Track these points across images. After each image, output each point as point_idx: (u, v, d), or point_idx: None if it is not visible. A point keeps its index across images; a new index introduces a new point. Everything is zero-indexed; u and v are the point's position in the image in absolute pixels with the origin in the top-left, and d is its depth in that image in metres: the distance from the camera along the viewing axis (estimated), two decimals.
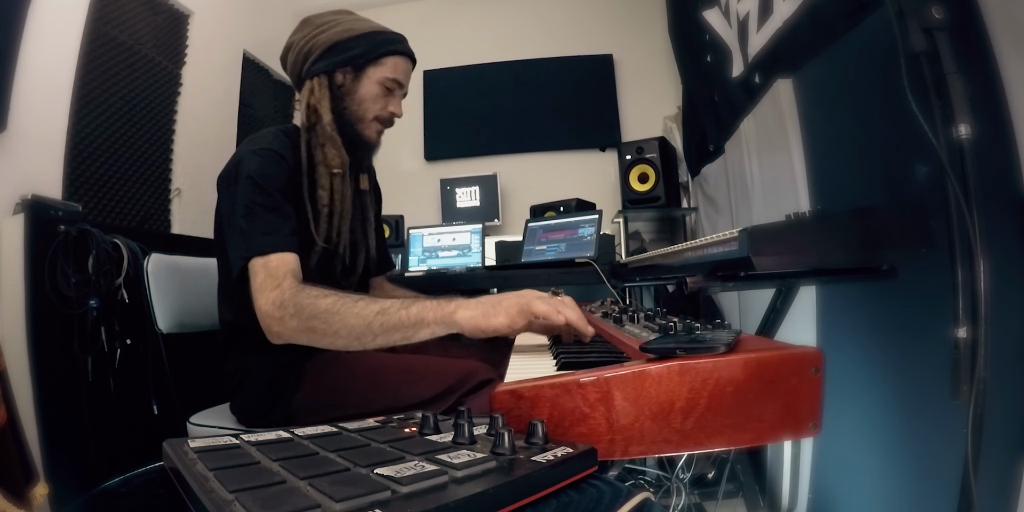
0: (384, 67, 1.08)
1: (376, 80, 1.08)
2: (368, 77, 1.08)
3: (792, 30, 1.35)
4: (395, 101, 1.12)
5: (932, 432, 0.89)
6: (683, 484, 1.29)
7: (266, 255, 0.90)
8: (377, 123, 1.11)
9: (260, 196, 0.95)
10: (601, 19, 3.23)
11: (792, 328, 1.01)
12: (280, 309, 0.84)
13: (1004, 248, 0.69)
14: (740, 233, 0.65)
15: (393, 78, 1.09)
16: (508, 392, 0.54)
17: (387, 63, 1.08)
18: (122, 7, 2.07)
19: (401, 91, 1.13)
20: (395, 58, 1.09)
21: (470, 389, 0.91)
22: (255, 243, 0.91)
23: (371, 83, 1.08)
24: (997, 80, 0.74)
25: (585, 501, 0.41)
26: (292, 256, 0.92)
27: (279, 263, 0.90)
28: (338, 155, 1.06)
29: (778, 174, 1.45)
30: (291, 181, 1.01)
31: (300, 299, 0.84)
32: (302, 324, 0.84)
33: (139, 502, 0.45)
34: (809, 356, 0.53)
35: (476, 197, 3.05)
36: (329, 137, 1.05)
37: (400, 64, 1.10)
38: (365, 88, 1.08)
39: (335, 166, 1.05)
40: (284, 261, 0.90)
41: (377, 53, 1.07)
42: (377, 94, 1.09)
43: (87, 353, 1.60)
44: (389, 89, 1.10)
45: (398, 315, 0.81)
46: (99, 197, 1.95)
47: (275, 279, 0.88)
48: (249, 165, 0.97)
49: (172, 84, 2.35)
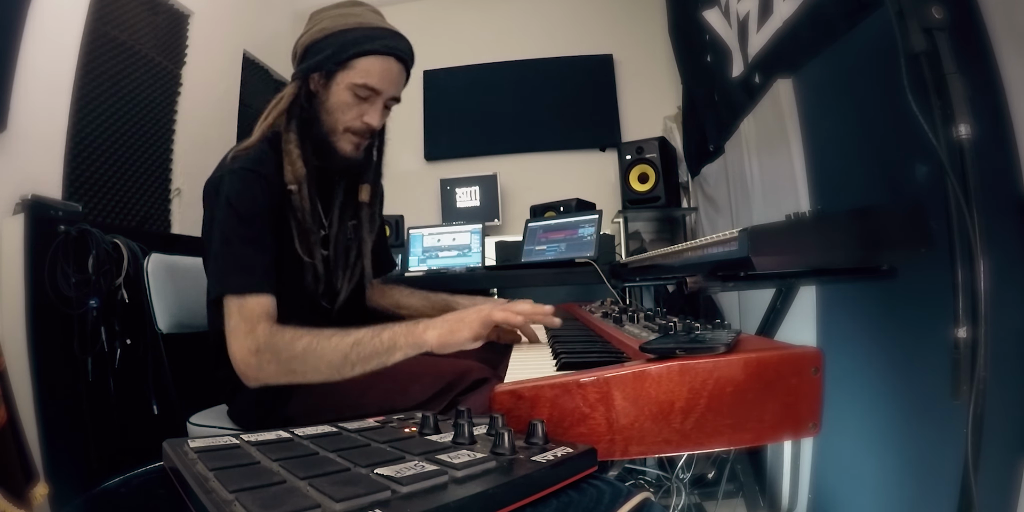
0: (353, 71, 0.96)
1: (344, 86, 0.96)
2: (337, 83, 0.97)
3: (792, 30, 1.35)
4: (372, 109, 0.99)
5: (932, 432, 0.89)
6: (683, 484, 1.29)
7: (242, 295, 0.87)
8: (351, 135, 1.00)
9: (238, 225, 0.90)
10: (601, 19, 3.23)
11: (792, 328, 1.01)
12: (256, 355, 0.84)
13: (1004, 248, 0.69)
14: (740, 233, 0.65)
15: (363, 83, 0.96)
16: (508, 392, 0.54)
17: (357, 66, 0.96)
18: (122, 7, 2.07)
19: (379, 98, 0.99)
20: (367, 59, 0.96)
21: (465, 388, 0.91)
22: (231, 281, 0.88)
23: (340, 90, 0.97)
24: (997, 80, 0.74)
25: (585, 501, 0.41)
26: (268, 298, 0.89)
27: (254, 305, 0.87)
28: (292, 170, 0.96)
29: (778, 174, 1.45)
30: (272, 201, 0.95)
31: (276, 343, 0.84)
32: (282, 368, 0.84)
33: (139, 502, 0.45)
34: (809, 356, 0.53)
35: (476, 197, 3.05)
36: (286, 150, 0.97)
37: (375, 66, 0.96)
38: (335, 96, 0.97)
39: (289, 181, 0.95)
40: (259, 303, 0.87)
41: (344, 55, 0.95)
42: (347, 102, 0.97)
43: (87, 353, 1.60)
44: (361, 97, 0.97)
45: (372, 344, 0.83)
46: (99, 197, 1.95)
47: (249, 323, 0.86)
48: (229, 187, 0.92)
49: (172, 84, 2.35)
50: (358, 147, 1.03)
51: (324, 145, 1.00)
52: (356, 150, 1.03)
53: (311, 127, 0.99)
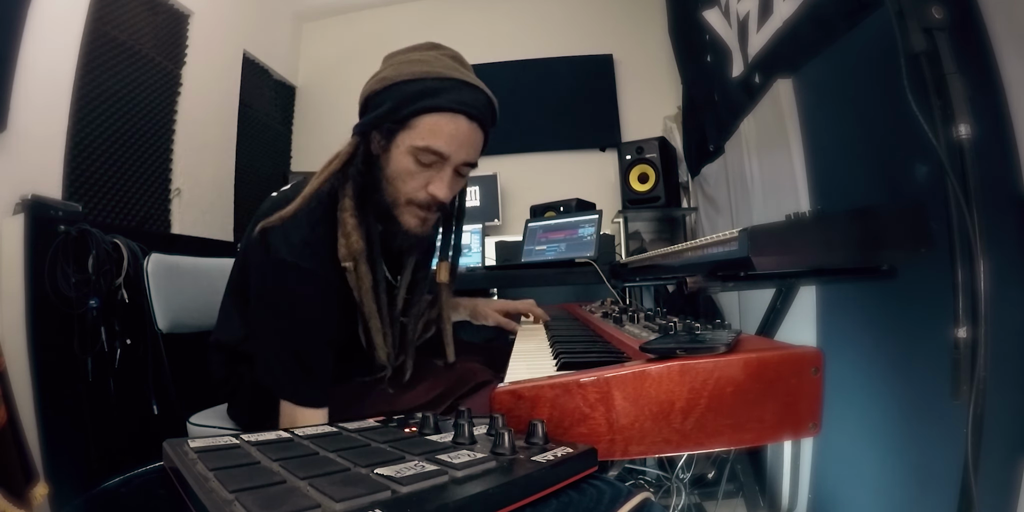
0: (414, 132, 0.79)
1: (405, 150, 0.80)
2: (397, 146, 0.81)
3: (792, 30, 1.35)
4: (438, 178, 0.82)
5: (932, 432, 0.89)
6: (683, 484, 1.29)
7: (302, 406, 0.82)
8: (416, 208, 0.84)
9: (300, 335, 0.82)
10: (601, 19, 3.23)
11: (792, 328, 1.00)
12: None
13: (1004, 248, 0.69)
14: (740, 233, 0.65)
15: (425, 147, 0.79)
16: (508, 392, 0.54)
17: (418, 125, 0.79)
18: (122, 7, 2.07)
19: (447, 163, 0.82)
20: (430, 117, 0.79)
21: (467, 391, 0.90)
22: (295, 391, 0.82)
23: (401, 154, 0.81)
24: (997, 80, 0.74)
25: (585, 501, 0.41)
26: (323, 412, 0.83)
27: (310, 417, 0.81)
28: (346, 245, 0.81)
29: (778, 174, 1.45)
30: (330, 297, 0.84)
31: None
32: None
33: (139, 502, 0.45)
34: (809, 356, 0.53)
35: (476, 197, 3.04)
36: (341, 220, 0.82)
37: (441, 125, 0.79)
38: (395, 161, 0.81)
39: (344, 258, 0.81)
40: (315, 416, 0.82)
41: (403, 113, 0.79)
42: (408, 169, 0.81)
43: (87, 353, 1.60)
44: (425, 163, 0.81)
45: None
46: (99, 197, 1.95)
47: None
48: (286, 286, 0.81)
49: (172, 84, 2.35)
50: (425, 222, 0.86)
51: (386, 218, 0.85)
52: (423, 226, 0.86)
53: (371, 195, 0.84)
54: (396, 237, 0.87)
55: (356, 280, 0.83)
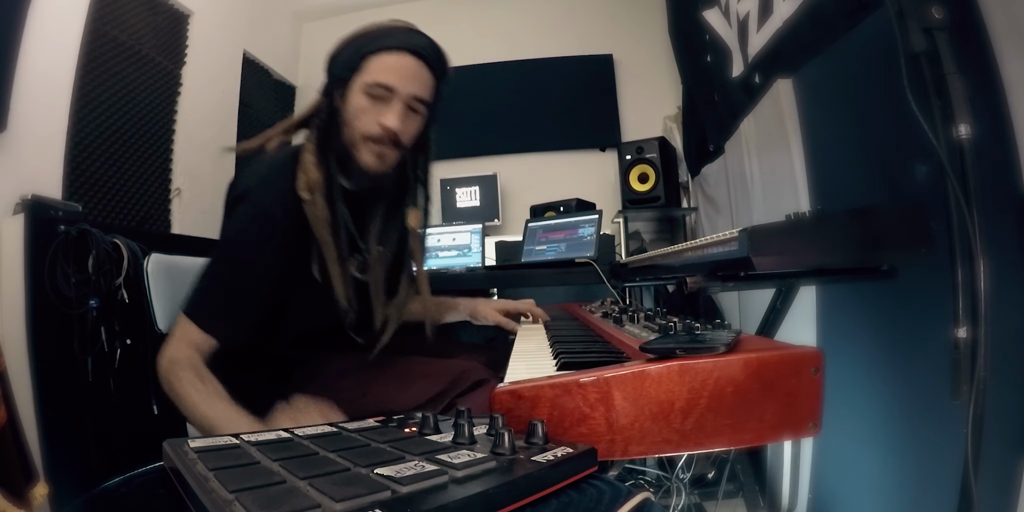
0: (366, 72, 0.87)
1: (358, 90, 0.88)
2: (353, 90, 0.88)
3: (792, 30, 1.35)
4: (388, 111, 0.87)
5: (932, 432, 0.89)
6: (683, 484, 1.29)
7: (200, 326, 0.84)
8: (372, 143, 0.89)
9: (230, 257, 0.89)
10: (601, 19, 3.23)
11: (792, 328, 1.00)
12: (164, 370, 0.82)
13: (1004, 248, 0.69)
14: (740, 233, 0.65)
15: (375, 82, 0.86)
16: (508, 392, 0.54)
17: (369, 66, 0.87)
18: (122, 7, 2.07)
19: (395, 97, 0.88)
20: (380, 56, 0.87)
21: (464, 390, 0.90)
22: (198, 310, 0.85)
23: (355, 95, 0.88)
24: (997, 80, 0.74)
25: (585, 501, 0.41)
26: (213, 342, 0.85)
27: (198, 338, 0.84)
28: (305, 179, 0.87)
29: (778, 174, 1.45)
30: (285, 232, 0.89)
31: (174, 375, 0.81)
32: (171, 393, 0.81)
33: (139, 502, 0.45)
34: (809, 356, 0.53)
35: (476, 197, 3.05)
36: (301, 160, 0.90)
37: (389, 62, 0.87)
38: (351, 103, 0.88)
39: (301, 190, 0.86)
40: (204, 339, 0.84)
41: (357, 57, 0.88)
42: (361, 107, 0.88)
43: (87, 353, 1.60)
44: (376, 97, 0.87)
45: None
46: (99, 197, 1.95)
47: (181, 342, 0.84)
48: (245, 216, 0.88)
49: (172, 84, 2.35)
50: (381, 157, 0.90)
51: (347, 161, 0.91)
52: (379, 161, 0.91)
53: (333, 141, 0.90)
54: (358, 178, 0.92)
55: (313, 212, 0.87)
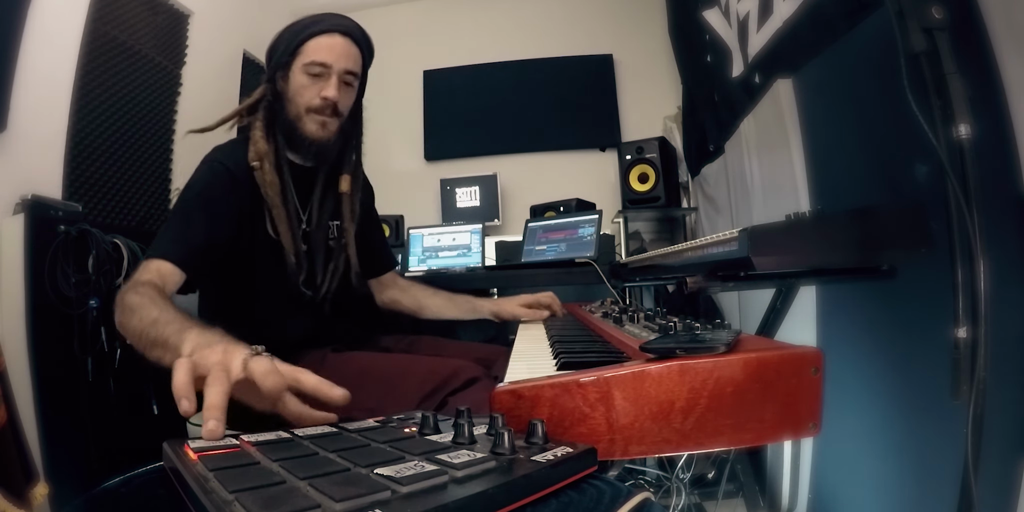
0: (303, 55, 1.02)
1: (298, 70, 1.03)
2: (294, 71, 1.04)
3: (792, 30, 1.35)
4: (327, 85, 1.03)
5: (932, 432, 0.89)
6: (683, 484, 1.29)
7: (155, 259, 0.92)
8: (314, 114, 1.04)
9: (186, 206, 0.98)
10: (601, 19, 3.23)
11: (792, 328, 1.01)
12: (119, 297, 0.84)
13: (1004, 248, 0.69)
14: (740, 233, 0.65)
15: (312, 60, 1.01)
16: (508, 392, 0.54)
17: (306, 49, 1.02)
18: (122, 7, 2.07)
19: (331, 72, 1.02)
20: (315, 40, 1.02)
21: (456, 388, 0.91)
22: (156, 247, 0.94)
23: (295, 75, 1.03)
24: (997, 80, 0.74)
25: (585, 501, 0.41)
26: (169, 266, 0.91)
27: (155, 266, 0.91)
28: (254, 149, 1.03)
29: (778, 174, 1.45)
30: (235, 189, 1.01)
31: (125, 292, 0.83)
32: (118, 316, 0.82)
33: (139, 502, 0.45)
34: (809, 356, 0.53)
35: (476, 197, 3.05)
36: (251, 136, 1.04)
37: (322, 43, 1.02)
38: (292, 82, 1.04)
39: (252, 159, 1.02)
40: (159, 267, 0.91)
41: (294, 43, 1.02)
42: (303, 84, 1.03)
43: (87, 353, 1.60)
44: (315, 75, 1.02)
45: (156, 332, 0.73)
46: (99, 197, 1.95)
47: (139, 274, 0.90)
48: (193, 176, 1.02)
49: (172, 84, 2.35)
50: (324, 126, 1.05)
51: (293, 133, 1.05)
52: (322, 129, 1.05)
53: (278, 119, 1.05)
54: (303, 147, 1.06)
55: (262, 177, 1.02)
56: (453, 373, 0.92)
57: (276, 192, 1.03)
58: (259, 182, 1.02)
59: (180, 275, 0.92)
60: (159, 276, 0.90)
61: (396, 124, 3.26)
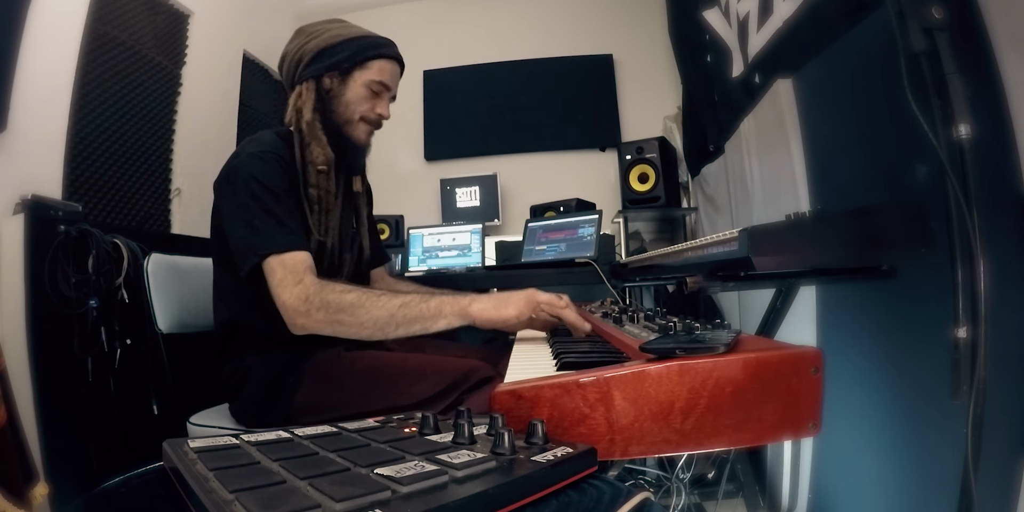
0: (370, 70, 1.11)
1: (362, 83, 1.11)
2: (354, 80, 1.11)
3: (792, 30, 1.35)
4: (382, 103, 1.14)
5: (932, 432, 0.89)
6: (683, 484, 1.29)
7: (282, 253, 0.94)
8: (364, 124, 1.13)
9: (269, 197, 0.98)
10: (601, 19, 3.23)
11: (792, 328, 1.01)
12: (306, 303, 0.90)
13: (1004, 248, 0.69)
14: (740, 233, 0.65)
15: (379, 81, 1.11)
16: (508, 392, 0.54)
17: (373, 67, 1.11)
18: (122, 7, 2.07)
19: (388, 94, 1.15)
20: (381, 61, 1.12)
21: (470, 387, 0.91)
22: (272, 241, 0.95)
23: (357, 86, 1.11)
24: (997, 80, 0.74)
25: (585, 501, 0.41)
26: (306, 254, 0.96)
27: (296, 260, 0.94)
28: (323, 153, 1.08)
29: (778, 174, 1.45)
30: (291, 181, 1.05)
31: (326, 294, 0.91)
32: (329, 317, 0.90)
33: (139, 502, 0.45)
34: (809, 356, 0.53)
35: (476, 197, 3.05)
36: (314, 136, 1.08)
37: (386, 67, 1.13)
38: (351, 91, 1.11)
39: (320, 163, 1.07)
40: (300, 259, 0.95)
41: (363, 57, 1.10)
42: (363, 96, 1.11)
43: (87, 353, 1.60)
44: (375, 92, 1.12)
45: (419, 308, 0.89)
46: (99, 197, 1.95)
47: (296, 275, 0.93)
48: (252, 168, 1.00)
49: (172, 84, 2.35)
50: (369, 135, 1.16)
51: (339, 135, 1.11)
52: (367, 138, 1.15)
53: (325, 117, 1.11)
54: (346, 150, 1.13)
55: (326, 181, 1.09)
56: (468, 372, 0.94)
57: (333, 195, 1.11)
58: (315, 183, 1.07)
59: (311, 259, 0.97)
60: (309, 268, 0.95)
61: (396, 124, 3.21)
